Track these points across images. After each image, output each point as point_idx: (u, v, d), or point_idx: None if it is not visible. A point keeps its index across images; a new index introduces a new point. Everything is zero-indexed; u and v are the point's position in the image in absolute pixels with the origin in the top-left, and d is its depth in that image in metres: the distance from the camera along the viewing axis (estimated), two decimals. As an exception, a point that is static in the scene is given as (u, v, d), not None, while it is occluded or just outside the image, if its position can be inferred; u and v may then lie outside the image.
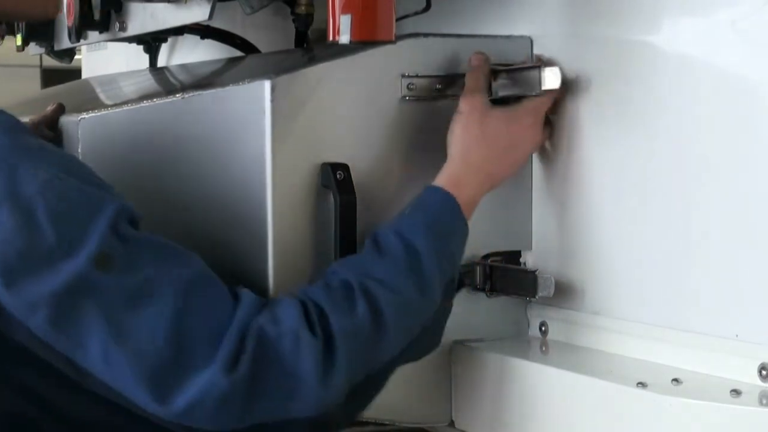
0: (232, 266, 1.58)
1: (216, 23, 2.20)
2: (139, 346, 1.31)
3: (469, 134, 1.55)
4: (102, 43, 2.55)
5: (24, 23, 2.55)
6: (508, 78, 1.61)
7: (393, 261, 1.44)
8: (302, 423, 1.34)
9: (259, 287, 1.52)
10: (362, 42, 1.57)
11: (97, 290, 1.31)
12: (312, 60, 1.63)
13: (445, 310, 1.51)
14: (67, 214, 1.33)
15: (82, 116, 1.85)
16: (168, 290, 1.33)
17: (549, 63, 1.60)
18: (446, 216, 1.50)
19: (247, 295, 1.39)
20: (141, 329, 1.31)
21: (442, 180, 1.52)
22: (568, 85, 1.61)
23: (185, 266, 1.37)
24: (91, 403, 1.35)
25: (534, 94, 1.57)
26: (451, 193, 1.50)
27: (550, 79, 1.56)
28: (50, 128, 1.95)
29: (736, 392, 1.35)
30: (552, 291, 1.59)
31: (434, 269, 1.45)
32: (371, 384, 1.42)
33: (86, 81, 2.92)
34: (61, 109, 1.94)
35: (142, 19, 2.08)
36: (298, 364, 1.34)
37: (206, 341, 1.32)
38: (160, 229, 1.69)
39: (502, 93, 1.60)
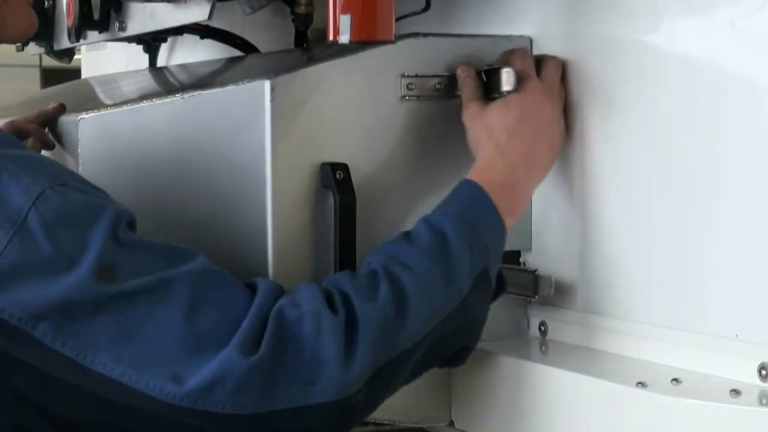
0: (232, 266, 1.58)
1: (216, 23, 2.20)
2: (152, 346, 1.30)
3: (481, 137, 1.55)
4: (101, 43, 2.55)
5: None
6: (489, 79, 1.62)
7: (420, 246, 1.44)
8: (324, 408, 1.32)
9: (259, 287, 1.52)
10: (362, 42, 1.57)
11: (104, 302, 1.30)
12: (312, 60, 1.63)
13: (478, 307, 1.49)
14: (63, 225, 1.31)
15: (82, 116, 1.85)
16: (177, 289, 1.33)
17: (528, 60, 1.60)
18: (476, 207, 1.49)
19: (263, 281, 1.38)
20: (154, 331, 1.30)
21: (471, 173, 1.52)
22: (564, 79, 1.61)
23: (191, 263, 1.36)
24: (94, 406, 1.34)
25: (497, 95, 1.57)
26: (481, 184, 1.49)
27: (507, 81, 1.56)
28: (49, 127, 1.95)
29: (735, 392, 1.35)
30: (552, 291, 1.59)
31: (463, 257, 1.44)
32: (394, 369, 1.40)
33: (86, 81, 2.92)
34: (61, 109, 1.94)
35: (141, 19, 2.08)
36: (320, 345, 1.32)
37: (223, 327, 1.31)
38: (160, 229, 1.69)
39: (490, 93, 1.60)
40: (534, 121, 1.56)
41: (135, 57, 2.66)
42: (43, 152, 1.94)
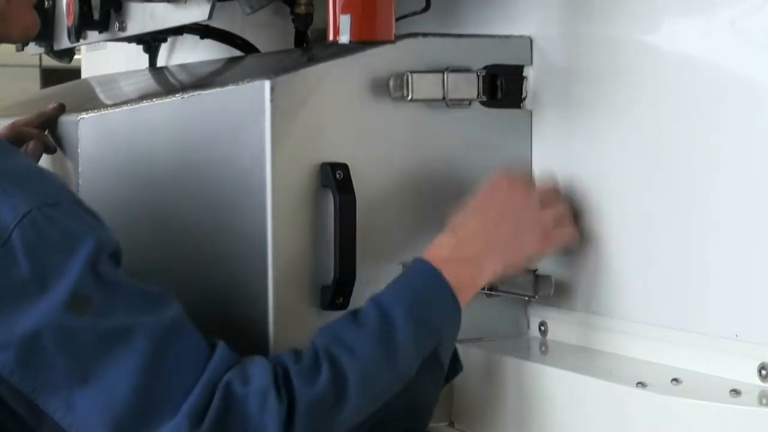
0: (232, 266, 1.58)
1: (216, 23, 2.20)
2: (106, 394, 1.30)
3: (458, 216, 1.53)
4: (101, 43, 2.55)
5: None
6: None
7: (365, 328, 1.41)
8: None
9: (259, 287, 1.52)
10: (362, 42, 1.57)
11: (69, 334, 1.30)
12: (312, 60, 1.63)
13: (426, 389, 1.47)
14: (45, 249, 1.31)
15: (82, 116, 1.85)
16: (141, 339, 1.32)
17: None
18: (428, 285, 1.46)
19: (221, 349, 1.36)
20: (110, 377, 1.30)
21: (427, 252, 1.49)
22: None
23: (161, 314, 1.35)
24: None
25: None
26: (435, 262, 1.46)
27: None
28: (48, 128, 1.95)
29: (735, 392, 1.35)
30: (552, 291, 1.59)
31: (409, 340, 1.42)
32: None
33: (86, 81, 2.92)
34: (61, 109, 1.94)
35: (141, 19, 2.08)
36: (262, 426, 1.32)
37: (174, 393, 1.31)
38: (160, 230, 1.70)
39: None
40: (498, 203, 1.53)
41: (135, 57, 2.66)
42: (44, 156, 1.95)
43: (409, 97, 1.58)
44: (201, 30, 2.32)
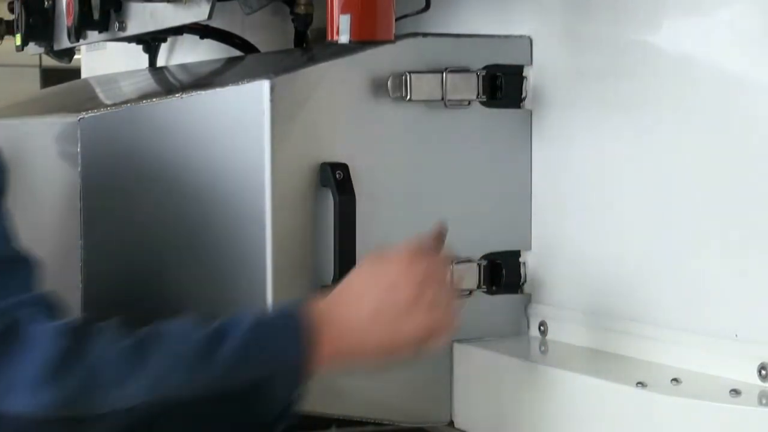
0: (231, 266, 1.58)
1: (215, 23, 2.20)
2: None
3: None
4: (101, 43, 2.55)
5: (24, 22, 2.56)
6: None
7: (196, 326, 1.32)
8: (8, 422, 1.24)
9: (258, 287, 1.52)
10: (361, 42, 1.57)
11: None
12: (311, 60, 1.63)
13: (238, 414, 1.33)
14: None
15: (82, 116, 1.85)
16: None
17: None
18: (279, 318, 1.36)
19: (41, 297, 1.32)
20: None
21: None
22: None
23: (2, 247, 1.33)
24: None
25: None
26: (304, 307, 1.35)
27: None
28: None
29: (735, 392, 1.35)
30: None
31: (235, 353, 1.30)
32: (99, 420, 1.27)
33: (86, 81, 2.92)
34: None
35: (141, 19, 2.08)
36: (34, 351, 1.25)
37: None
38: (159, 228, 1.70)
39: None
40: (394, 272, 1.39)
41: (135, 57, 2.66)
42: (44, 157, 1.94)
43: (408, 98, 1.58)
44: (201, 30, 2.32)
